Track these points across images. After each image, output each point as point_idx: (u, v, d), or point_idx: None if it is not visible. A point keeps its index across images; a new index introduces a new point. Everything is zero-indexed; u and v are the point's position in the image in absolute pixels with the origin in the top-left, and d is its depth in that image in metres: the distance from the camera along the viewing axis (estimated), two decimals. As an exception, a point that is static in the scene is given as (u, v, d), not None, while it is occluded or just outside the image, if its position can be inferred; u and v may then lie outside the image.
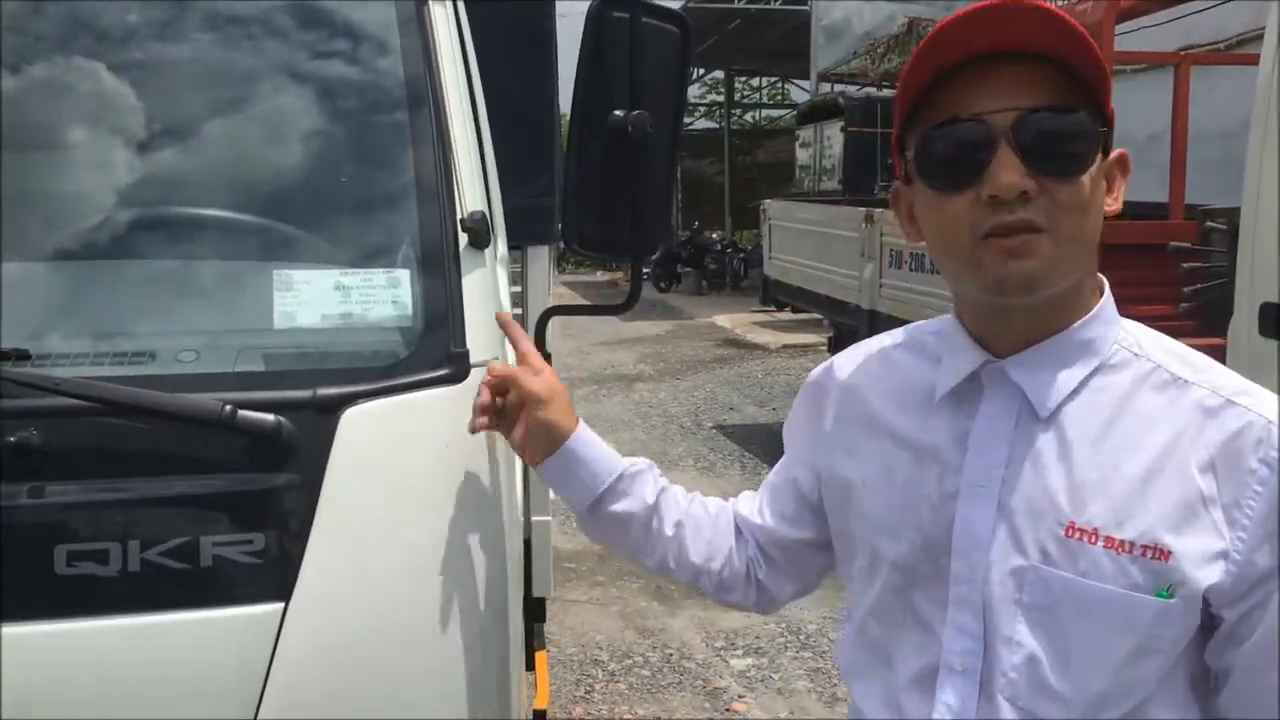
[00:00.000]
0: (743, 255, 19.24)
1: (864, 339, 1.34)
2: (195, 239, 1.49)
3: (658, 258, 17.06)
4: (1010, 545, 1.08)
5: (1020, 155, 1.02)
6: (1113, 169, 1.11)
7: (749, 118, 28.30)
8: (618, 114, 1.61)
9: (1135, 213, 4.78)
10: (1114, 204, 1.11)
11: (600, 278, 22.17)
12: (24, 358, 1.29)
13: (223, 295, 1.48)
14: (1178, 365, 1.10)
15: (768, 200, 10.96)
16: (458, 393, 1.37)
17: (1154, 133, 6.20)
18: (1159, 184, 5.65)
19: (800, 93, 23.06)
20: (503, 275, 1.77)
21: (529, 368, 1.38)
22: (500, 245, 1.81)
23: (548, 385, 1.35)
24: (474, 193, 1.55)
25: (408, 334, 1.41)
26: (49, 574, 1.23)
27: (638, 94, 1.62)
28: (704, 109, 28.12)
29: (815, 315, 9.87)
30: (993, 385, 1.12)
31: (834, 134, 13.87)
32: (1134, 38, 6.36)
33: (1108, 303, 1.13)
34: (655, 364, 11.97)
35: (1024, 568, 1.08)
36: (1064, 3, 5.42)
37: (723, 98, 26.11)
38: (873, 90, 14.98)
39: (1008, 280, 1.06)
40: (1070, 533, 1.06)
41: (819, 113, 14.61)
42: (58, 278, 1.45)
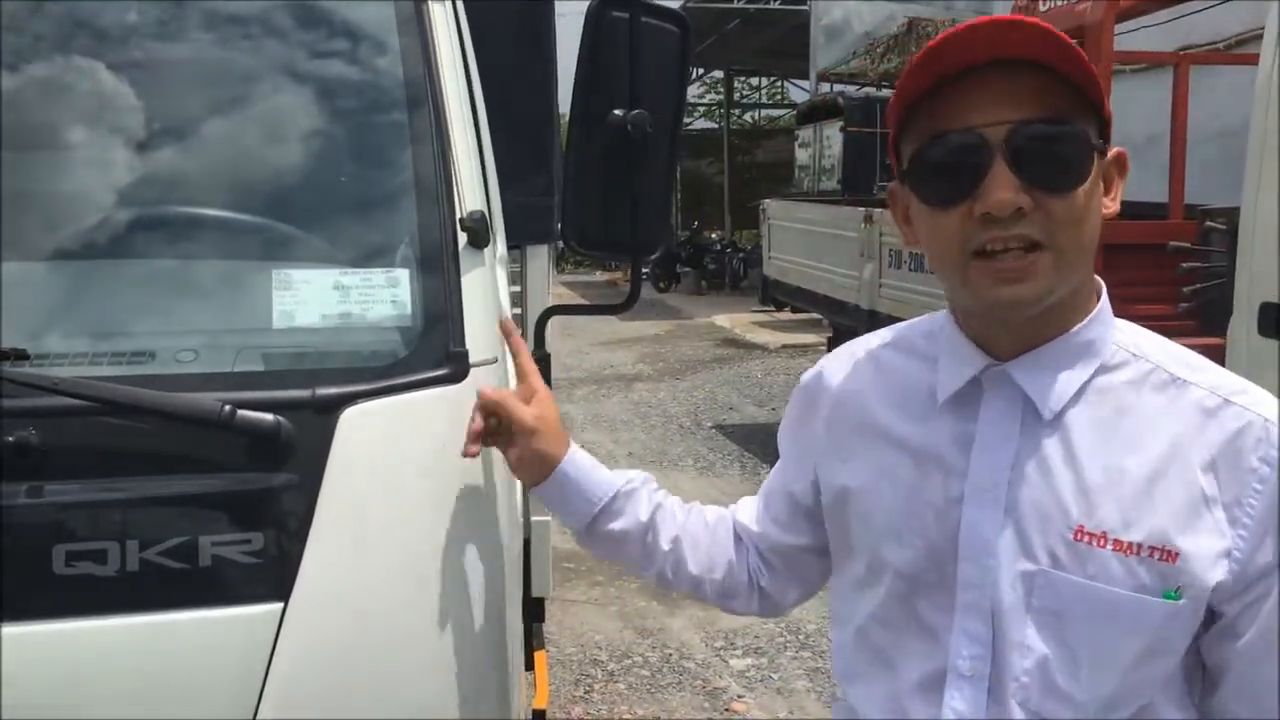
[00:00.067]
0: (742, 255, 19.24)
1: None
2: (194, 238, 1.49)
3: (657, 257, 17.03)
4: (1018, 549, 1.08)
5: (1014, 170, 1.01)
6: (1110, 169, 1.09)
7: (748, 118, 28.31)
8: (617, 113, 1.61)
9: (1134, 213, 4.78)
10: (1112, 205, 1.10)
11: (599, 277, 22.17)
12: (23, 357, 1.28)
13: (222, 295, 1.48)
14: (1176, 365, 1.10)
15: (767, 200, 10.97)
16: (457, 392, 1.37)
17: (1153, 133, 6.20)
18: (1158, 184, 5.66)
19: (799, 93, 23.07)
20: (502, 275, 1.76)
21: (520, 390, 1.39)
22: (500, 245, 1.81)
23: (535, 414, 1.35)
24: (473, 192, 1.54)
25: (407, 334, 1.41)
26: (48, 574, 1.22)
27: (637, 94, 1.62)
28: (703, 109, 28.12)
29: (814, 315, 9.88)
30: (994, 388, 1.11)
31: (833, 134, 13.90)
32: (1134, 38, 6.36)
33: (1105, 304, 1.13)
34: (654, 364, 11.97)
35: (1033, 572, 1.07)
36: (1064, 2, 5.43)
37: (722, 97, 26.12)
38: (872, 90, 14.99)
39: (997, 305, 1.06)
40: (1079, 536, 1.05)
41: (818, 113, 14.63)
42: (56, 277, 1.45)
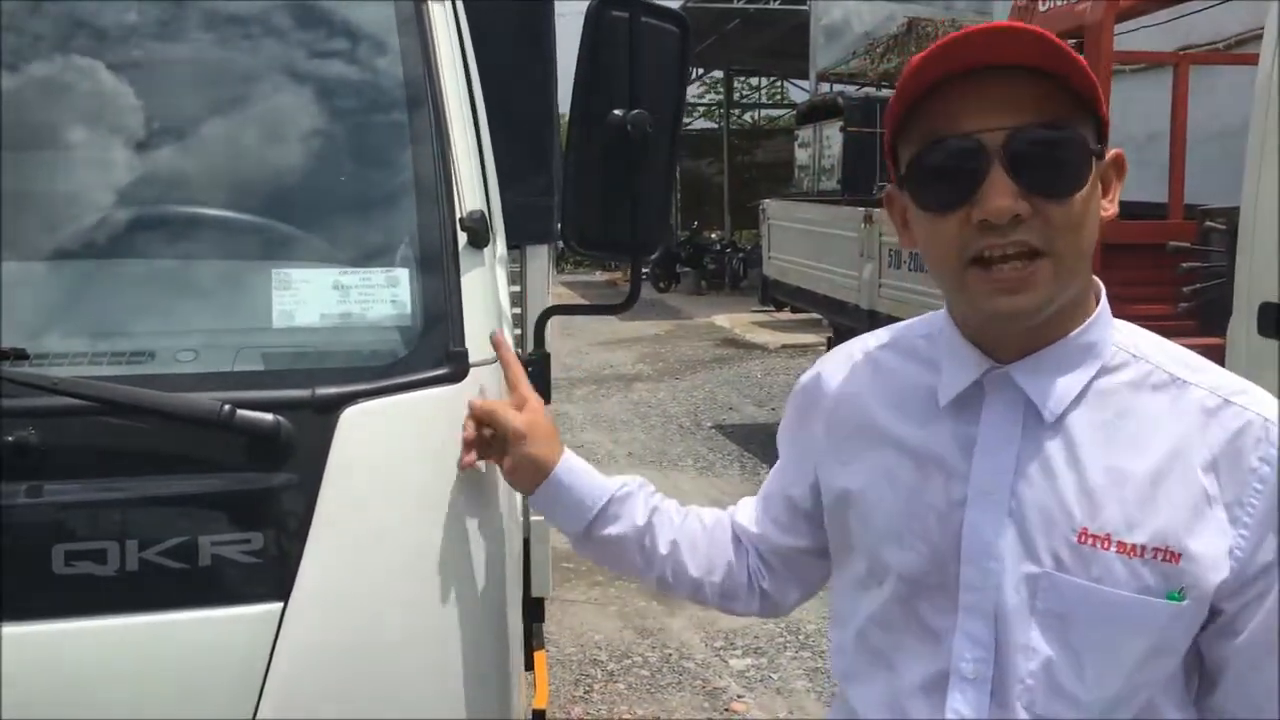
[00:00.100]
0: (742, 255, 19.24)
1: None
2: (194, 238, 1.49)
3: (657, 257, 17.04)
4: (1022, 552, 1.07)
5: (1012, 175, 1.00)
6: (1108, 171, 1.09)
7: (748, 118, 28.31)
8: (617, 113, 1.61)
9: (1134, 213, 4.77)
10: (1110, 207, 1.09)
11: (599, 277, 22.17)
12: (22, 357, 1.28)
13: (222, 294, 1.48)
14: (1175, 366, 1.10)
15: (767, 200, 10.98)
16: (457, 392, 1.37)
17: (1153, 132, 6.20)
18: (1158, 184, 5.66)
19: (799, 93, 23.08)
20: (502, 274, 1.76)
21: (512, 399, 1.39)
22: (499, 245, 1.81)
23: (526, 420, 1.35)
24: (473, 192, 1.54)
25: (407, 333, 1.41)
26: (47, 574, 1.22)
27: (637, 93, 1.62)
28: (703, 109, 28.12)
29: (814, 315, 9.88)
30: (995, 391, 1.11)
31: (833, 134, 13.91)
32: (1134, 38, 6.36)
33: (1105, 306, 1.12)
34: (654, 364, 11.97)
35: (1037, 574, 1.07)
36: (1064, 2, 5.42)
37: (722, 97, 26.12)
38: (872, 90, 14.99)
39: (996, 316, 1.05)
40: (1083, 539, 1.05)
41: (818, 113, 14.65)
42: (56, 277, 1.45)
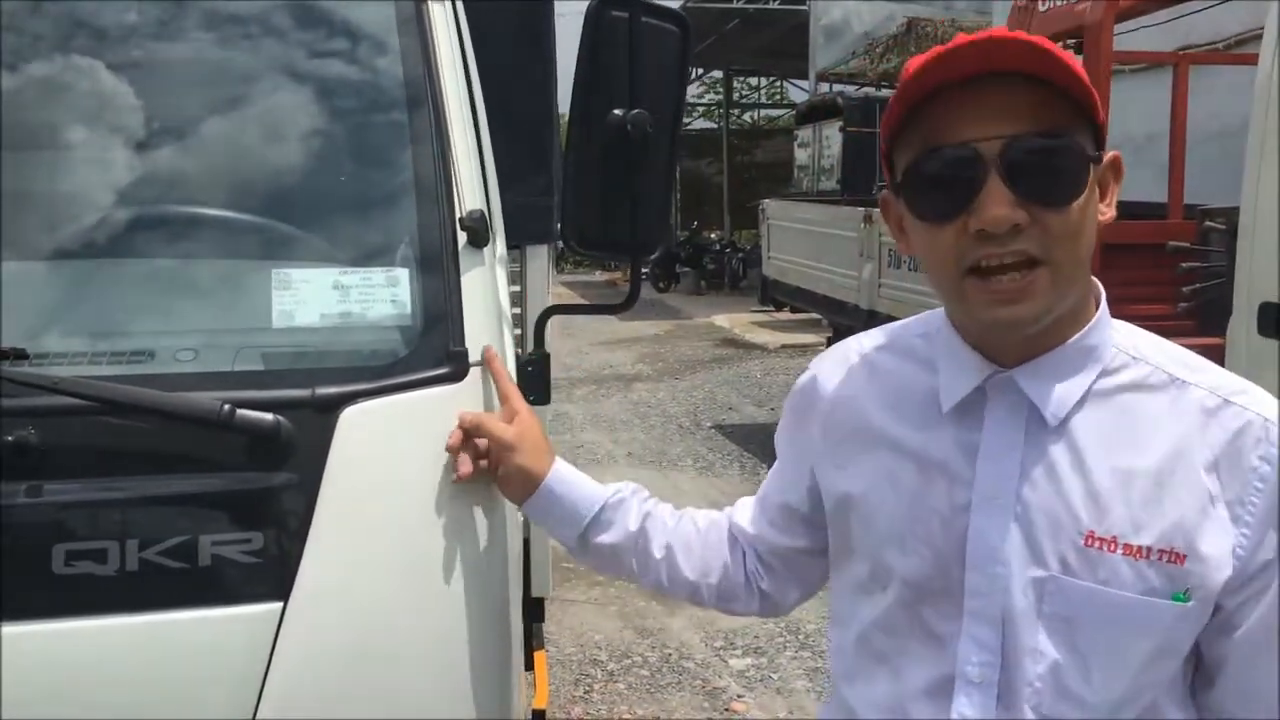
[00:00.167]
0: (741, 255, 19.24)
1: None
2: (194, 238, 1.49)
3: (656, 257, 17.03)
4: (1028, 556, 1.07)
5: (1009, 184, 1.00)
6: (1105, 175, 1.08)
7: (747, 118, 28.31)
8: (617, 113, 1.61)
9: (1133, 213, 4.77)
10: (1108, 211, 1.09)
11: (599, 277, 22.17)
12: (22, 357, 1.28)
13: (221, 294, 1.48)
14: (1174, 366, 1.10)
15: (766, 200, 10.98)
16: (457, 392, 1.37)
17: (1153, 132, 6.20)
18: (1158, 184, 5.66)
19: (799, 93, 23.08)
20: (502, 274, 1.76)
21: (502, 414, 1.39)
22: (499, 244, 1.81)
23: (516, 432, 1.36)
24: (473, 192, 1.54)
25: (407, 333, 1.41)
26: (47, 573, 1.22)
27: (637, 93, 1.62)
28: (702, 109, 28.12)
29: (814, 315, 9.88)
30: (998, 395, 1.10)
31: (832, 134, 13.92)
32: (1133, 38, 6.35)
33: (1104, 307, 1.12)
34: (654, 364, 11.97)
35: (1044, 578, 1.07)
36: (1063, 2, 5.42)
37: (721, 97, 26.12)
38: (871, 90, 15.01)
39: (995, 325, 1.05)
40: (1090, 542, 1.05)
41: (818, 113, 14.65)
42: (56, 276, 1.45)
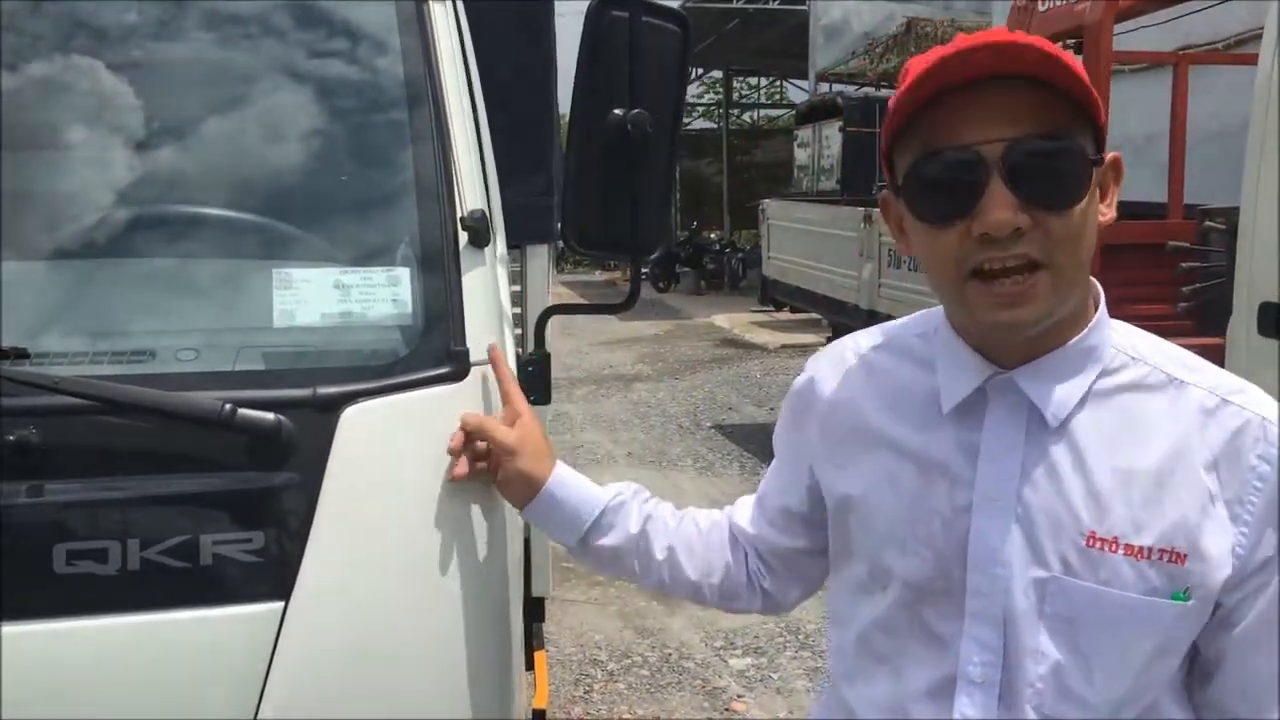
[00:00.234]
0: (741, 255, 19.24)
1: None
2: (195, 237, 1.49)
3: (656, 257, 16.99)
4: (1030, 557, 1.07)
5: (1011, 187, 0.99)
6: (1106, 176, 1.08)
7: (747, 118, 28.31)
8: (617, 113, 1.61)
9: (1133, 213, 4.77)
10: (1108, 212, 1.09)
11: (599, 277, 22.17)
12: (22, 356, 1.28)
13: (222, 294, 1.48)
14: (1173, 366, 1.10)
15: (766, 200, 10.99)
16: (457, 391, 1.37)
17: (1152, 132, 6.20)
18: (1158, 184, 5.66)
19: (798, 93, 23.09)
20: (502, 274, 1.76)
21: (504, 416, 1.39)
22: (500, 244, 1.81)
23: (517, 435, 1.36)
24: (474, 191, 1.54)
25: (408, 332, 1.41)
26: (48, 573, 1.22)
27: (637, 93, 1.62)
28: (702, 109, 28.12)
29: (814, 315, 9.88)
30: (998, 396, 1.10)
31: (832, 134, 13.92)
32: (1133, 38, 6.35)
33: (1103, 308, 1.12)
34: (654, 364, 11.97)
35: (1045, 579, 1.07)
36: (1063, 2, 5.42)
37: (721, 97, 26.12)
38: (871, 90, 15.01)
39: (997, 328, 1.06)
40: (1091, 542, 1.05)
41: (817, 113, 14.66)
42: (56, 276, 1.45)
